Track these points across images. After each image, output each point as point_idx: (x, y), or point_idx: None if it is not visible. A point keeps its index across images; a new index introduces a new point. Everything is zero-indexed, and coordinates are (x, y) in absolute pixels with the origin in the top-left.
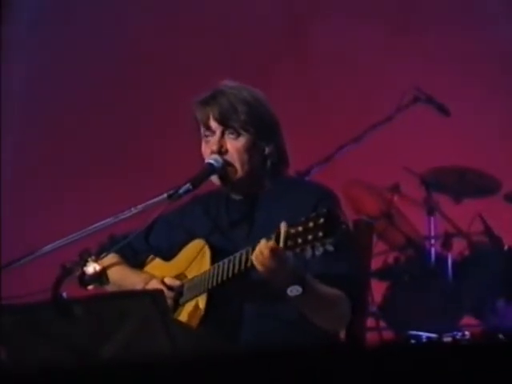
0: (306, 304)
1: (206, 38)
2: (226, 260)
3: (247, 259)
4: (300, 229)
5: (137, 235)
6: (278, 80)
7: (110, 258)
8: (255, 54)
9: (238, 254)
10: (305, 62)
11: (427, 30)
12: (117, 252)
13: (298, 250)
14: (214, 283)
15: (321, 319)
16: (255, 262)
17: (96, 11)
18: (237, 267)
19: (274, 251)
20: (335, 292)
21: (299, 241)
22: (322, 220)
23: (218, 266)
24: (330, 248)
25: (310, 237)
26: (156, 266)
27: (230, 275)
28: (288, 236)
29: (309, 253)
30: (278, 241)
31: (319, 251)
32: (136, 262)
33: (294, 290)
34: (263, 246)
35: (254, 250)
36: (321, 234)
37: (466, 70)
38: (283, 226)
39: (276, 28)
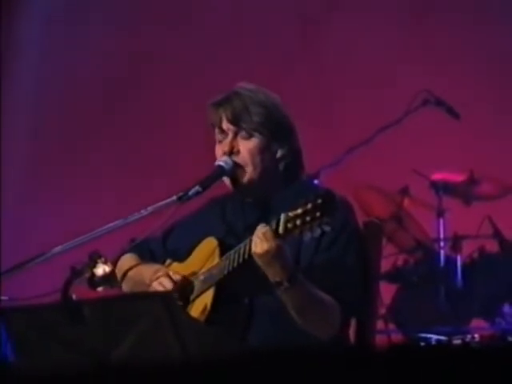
0: (292, 301)
1: (219, 39)
2: (232, 251)
3: (250, 247)
4: (299, 211)
5: (155, 239)
6: (290, 83)
7: (128, 257)
8: (267, 59)
9: (242, 244)
10: (317, 64)
11: (440, 32)
12: (136, 254)
13: (297, 231)
14: (221, 275)
15: (306, 321)
16: (252, 246)
17: (109, 12)
18: (241, 256)
19: (266, 234)
20: (326, 297)
21: (298, 222)
22: (319, 200)
23: (225, 258)
24: (327, 228)
25: (308, 218)
26: (173, 269)
27: (236, 264)
28: (288, 219)
29: (308, 235)
30: (278, 225)
31: (317, 233)
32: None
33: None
34: (258, 229)
35: None
36: (318, 214)
37: (478, 70)
38: (283, 213)
39: (288, 32)
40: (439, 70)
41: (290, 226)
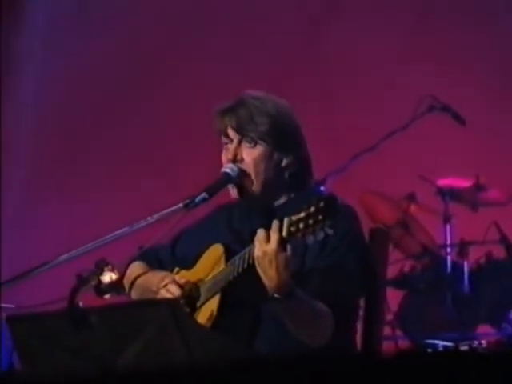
0: (287, 312)
1: (219, 39)
2: (236, 257)
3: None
4: (302, 215)
5: (163, 247)
6: (290, 83)
7: (136, 265)
8: (267, 59)
9: (247, 249)
10: (317, 64)
11: (440, 32)
12: (144, 262)
13: (300, 235)
14: (227, 281)
15: (298, 328)
16: (255, 250)
17: (110, 17)
18: (246, 261)
19: (266, 237)
20: (320, 306)
21: (301, 226)
22: (322, 204)
23: (230, 264)
24: (330, 232)
25: (311, 221)
26: (180, 277)
27: (241, 270)
28: (291, 223)
29: (311, 239)
30: (281, 229)
31: (320, 236)
32: None
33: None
34: (259, 232)
35: None
36: (321, 217)
37: (478, 70)
38: (286, 217)
39: (290, 35)
40: (439, 70)
41: (293, 229)
